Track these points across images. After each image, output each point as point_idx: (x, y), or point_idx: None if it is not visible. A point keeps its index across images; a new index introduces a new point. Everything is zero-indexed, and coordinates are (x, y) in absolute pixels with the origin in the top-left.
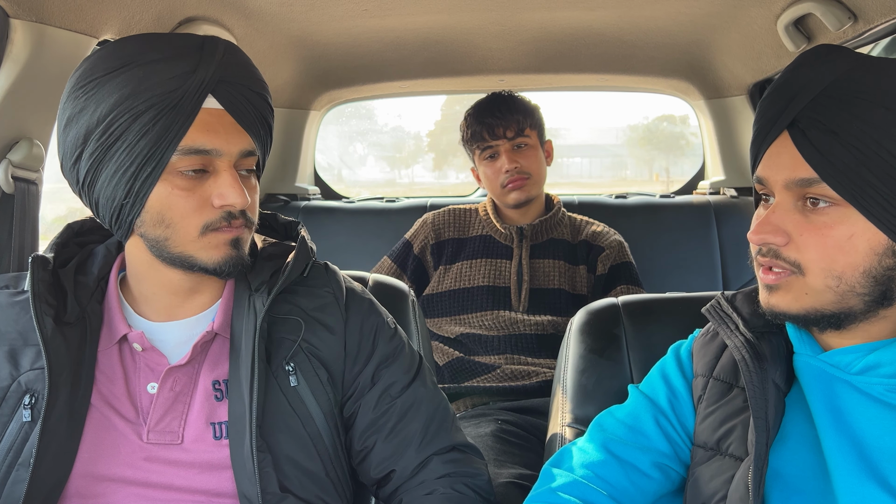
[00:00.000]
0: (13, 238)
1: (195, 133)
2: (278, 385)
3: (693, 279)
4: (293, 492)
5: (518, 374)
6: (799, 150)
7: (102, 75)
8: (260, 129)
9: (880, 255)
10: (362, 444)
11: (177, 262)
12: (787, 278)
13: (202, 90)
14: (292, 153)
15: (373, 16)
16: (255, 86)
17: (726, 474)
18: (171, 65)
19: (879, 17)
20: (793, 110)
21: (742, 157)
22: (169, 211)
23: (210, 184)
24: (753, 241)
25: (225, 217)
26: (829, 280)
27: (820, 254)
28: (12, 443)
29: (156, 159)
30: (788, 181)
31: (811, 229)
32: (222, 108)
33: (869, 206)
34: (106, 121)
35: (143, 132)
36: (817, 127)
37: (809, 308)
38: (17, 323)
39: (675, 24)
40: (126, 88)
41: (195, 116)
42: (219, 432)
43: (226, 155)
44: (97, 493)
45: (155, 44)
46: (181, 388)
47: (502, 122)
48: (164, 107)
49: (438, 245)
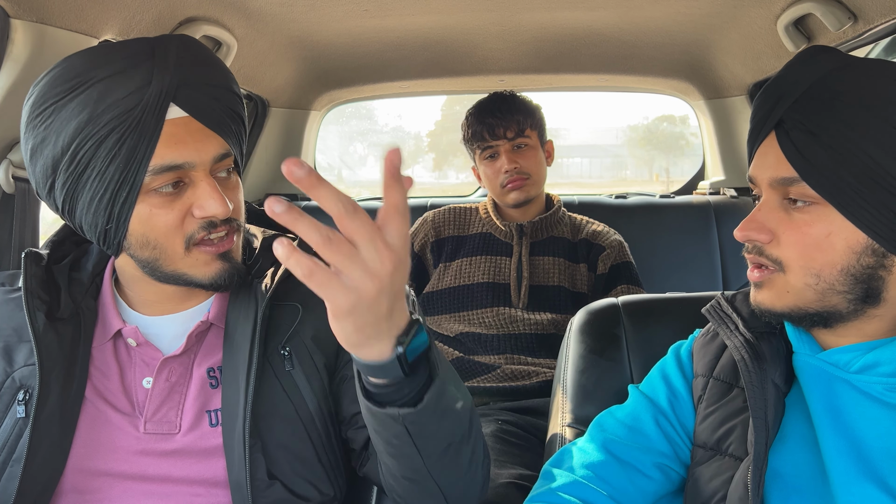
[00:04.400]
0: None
1: (163, 149)
2: (273, 370)
3: (693, 279)
4: (281, 479)
5: (518, 374)
6: (782, 149)
7: (56, 101)
8: (231, 125)
9: (859, 254)
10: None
11: (171, 279)
12: (770, 276)
13: (162, 101)
14: (292, 153)
15: (373, 16)
16: (216, 80)
17: (726, 474)
18: (125, 79)
19: (879, 18)
20: (779, 111)
21: (742, 158)
22: (152, 232)
23: (189, 195)
24: (738, 237)
25: (206, 226)
26: (808, 278)
27: (799, 251)
28: (6, 439)
29: (129, 183)
30: (772, 180)
31: (792, 227)
32: (187, 114)
33: (847, 204)
34: (70, 150)
35: (110, 157)
36: (798, 127)
37: (792, 306)
38: (11, 319)
39: (675, 24)
40: (83, 113)
41: (160, 131)
42: (214, 419)
43: (199, 164)
44: (93, 488)
45: (104, 58)
46: (177, 378)
47: (502, 122)
48: (126, 127)
49: (438, 242)
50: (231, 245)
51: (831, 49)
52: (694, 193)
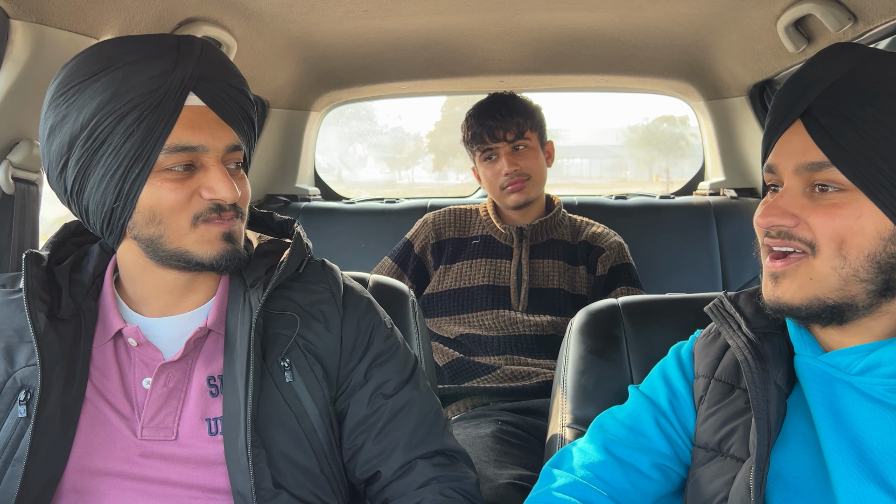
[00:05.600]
0: (13, 238)
1: (180, 131)
2: (273, 381)
3: (693, 280)
4: (287, 488)
5: (518, 374)
6: (811, 135)
7: (82, 81)
8: (243, 124)
9: (886, 241)
10: (351, 442)
11: (173, 259)
12: (795, 263)
13: (183, 88)
14: (292, 154)
15: (373, 17)
16: (234, 82)
17: (728, 475)
18: (150, 65)
19: (879, 18)
20: (807, 99)
21: (742, 158)
22: (159, 207)
23: (199, 178)
24: (761, 224)
25: (214, 209)
26: (835, 260)
27: (829, 233)
28: (8, 438)
29: (143, 160)
30: (799, 166)
31: (818, 211)
32: (204, 104)
33: (878, 191)
34: (90, 126)
35: (127, 134)
36: (830, 113)
37: (812, 297)
38: (12, 320)
39: (674, 24)
40: (107, 92)
41: (178, 114)
42: (214, 428)
43: (212, 150)
44: (92, 488)
45: (132, 45)
46: (174, 384)
47: (502, 124)
48: (147, 107)
49: (439, 245)
50: (235, 224)
51: (860, 45)
52: (694, 194)
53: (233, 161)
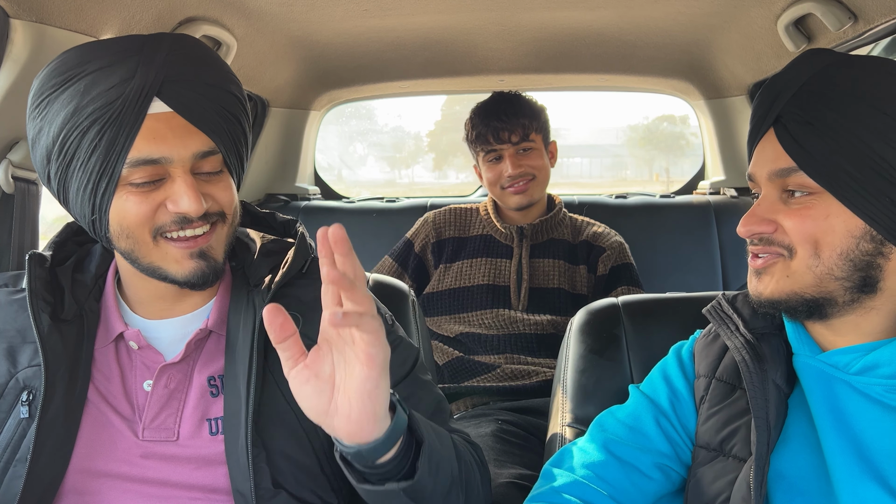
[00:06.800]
0: (13, 238)
1: (142, 143)
2: (274, 380)
3: (693, 279)
4: (286, 488)
5: (518, 373)
6: (780, 142)
7: (50, 93)
8: (221, 123)
9: (857, 239)
10: None
11: (149, 273)
12: (773, 261)
13: (144, 96)
14: (292, 153)
15: (373, 16)
16: (209, 78)
17: (730, 475)
18: (110, 73)
19: (879, 18)
20: (777, 107)
21: (742, 158)
22: (125, 220)
23: (165, 189)
24: (742, 233)
25: (178, 221)
26: (810, 260)
27: (802, 235)
28: (10, 439)
29: (108, 174)
30: (771, 173)
31: (791, 214)
32: (171, 109)
33: (844, 192)
34: (59, 140)
35: (91, 148)
36: (797, 119)
37: (790, 292)
38: (15, 321)
39: (675, 24)
40: (70, 105)
41: (140, 125)
42: (214, 428)
43: (177, 161)
44: (94, 489)
45: (94, 52)
46: (175, 385)
47: (507, 125)
48: (107, 120)
49: (439, 244)
50: (208, 242)
51: (828, 50)
52: (694, 193)
53: (206, 168)
